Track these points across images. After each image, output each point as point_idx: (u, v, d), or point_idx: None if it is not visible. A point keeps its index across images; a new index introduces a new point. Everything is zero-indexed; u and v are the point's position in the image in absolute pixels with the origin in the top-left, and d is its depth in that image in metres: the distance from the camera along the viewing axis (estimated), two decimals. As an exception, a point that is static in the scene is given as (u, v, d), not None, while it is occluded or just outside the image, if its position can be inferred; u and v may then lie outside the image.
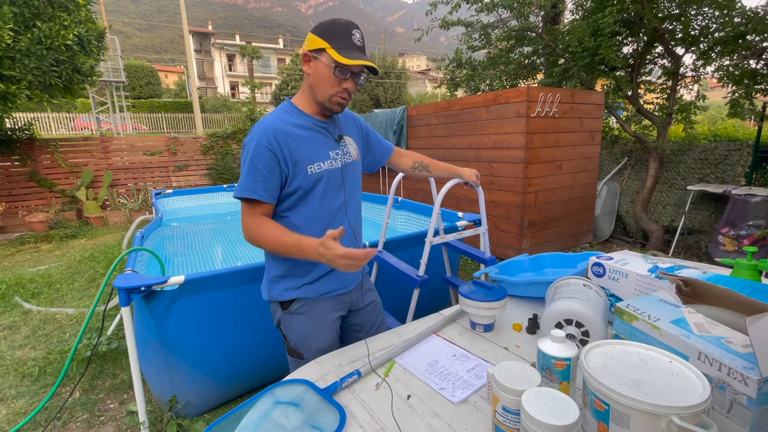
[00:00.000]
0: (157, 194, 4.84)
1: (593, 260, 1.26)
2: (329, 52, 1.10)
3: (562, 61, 5.54)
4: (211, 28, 46.49)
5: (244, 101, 10.59)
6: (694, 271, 1.07)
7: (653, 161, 4.69)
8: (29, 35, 4.80)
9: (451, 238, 1.95)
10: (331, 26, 1.12)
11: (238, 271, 1.87)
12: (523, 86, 4.60)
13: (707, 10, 4.27)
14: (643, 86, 5.13)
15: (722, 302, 0.91)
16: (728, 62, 4.38)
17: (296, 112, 1.20)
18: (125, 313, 1.66)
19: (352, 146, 1.31)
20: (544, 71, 6.23)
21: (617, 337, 0.91)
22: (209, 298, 1.83)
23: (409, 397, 0.94)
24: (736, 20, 4.00)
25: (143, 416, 1.79)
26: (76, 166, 7.19)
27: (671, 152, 4.70)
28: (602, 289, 1.17)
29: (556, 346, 0.82)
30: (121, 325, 2.75)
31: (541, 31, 5.73)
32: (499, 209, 4.09)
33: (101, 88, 13.53)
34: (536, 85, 6.30)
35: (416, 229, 3.42)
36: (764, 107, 4.06)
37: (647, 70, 5.10)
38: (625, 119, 5.27)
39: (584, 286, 1.13)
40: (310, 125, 1.20)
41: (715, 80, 4.56)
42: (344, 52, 1.09)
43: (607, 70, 4.86)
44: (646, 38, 4.77)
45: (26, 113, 14.81)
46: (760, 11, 3.95)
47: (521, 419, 0.67)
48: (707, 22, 4.37)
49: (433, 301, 2.46)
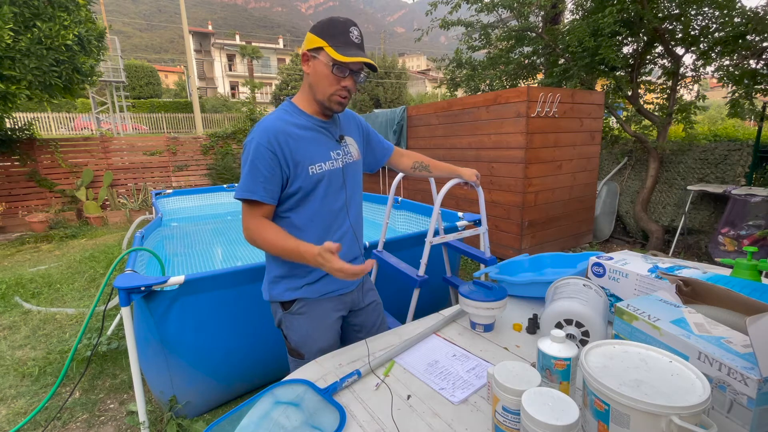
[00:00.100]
0: (157, 194, 4.83)
1: (593, 260, 1.26)
2: (327, 50, 1.09)
3: (562, 61, 5.54)
4: (211, 28, 46.48)
5: (244, 101, 10.58)
6: (694, 271, 1.07)
7: (653, 161, 4.69)
8: (29, 35, 4.80)
9: (451, 238, 1.95)
10: (328, 25, 1.12)
11: (238, 271, 1.87)
12: (523, 86, 4.60)
13: (707, 10, 4.27)
14: (643, 86, 5.13)
15: (722, 302, 0.91)
16: (728, 62, 4.38)
17: (297, 112, 1.19)
18: (125, 313, 1.66)
19: (353, 146, 1.30)
20: (544, 71, 6.23)
21: (617, 337, 0.91)
22: (209, 298, 1.83)
23: (409, 397, 0.94)
24: (736, 20, 4.01)
25: (143, 416, 1.79)
26: (76, 166, 7.19)
27: (671, 152, 4.70)
28: (602, 289, 1.17)
29: (556, 346, 0.82)
30: (121, 325, 2.75)
31: (541, 31, 5.73)
32: (499, 209, 4.09)
33: (101, 88, 13.53)
34: (536, 85, 6.30)
35: (416, 229, 3.42)
36: (764, 107, 4.06)
37: (647, 70, 5.10)
38: (625, 119, 5.27)
39: (584, 286, 1.13)
40: (310, 125, 1.19)
41: (715, 80, 4.56)
42: (342, 50, 1.09)
43: (607, 70, 4.86)
44: (646, 38, 4.77)
45: (26, 113, 14.81)
46: (760, 11, 3.95)
47: (521, 419, 0.67)
48: (707, 22, 4.37)
49: (433, 301, 2.46)
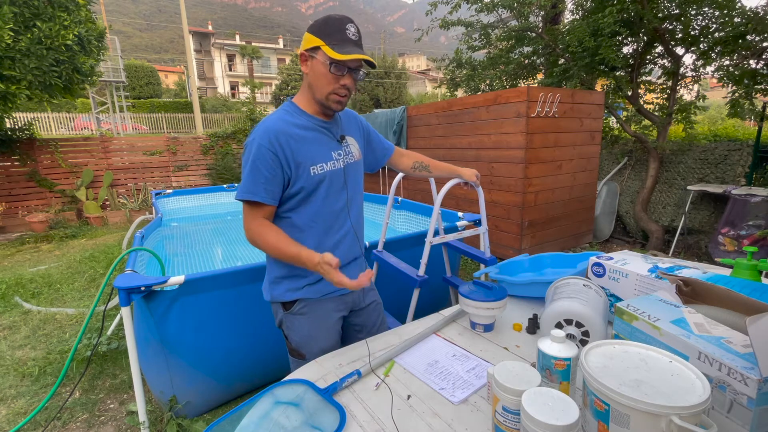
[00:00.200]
0: (157, 194, 4.83)
1: (593, 260, 1.26)
2: (324, 49, 1.09)
3: (562, 61, 5.54)
4: (211, 28, 46.47)
5: (244, 101, 10.58)
6: (694, 271, 1.07)
7: (653, 161, 4.69)
8: (29, 35, 4.80)
9: (451, 238, 1.95)
10: (324, 23, 1.11)
11: (238, 271, 1.87)
12: (523, 86, 4.60)
13: (707, 10, 4.27)
14: (643, 86, 5.13)
15: (722, 302, 0.91)
16: (728, 62, 4.38)
17: (298, 112, 1.19)
18: (125, 313, 1.66)
19: (354, 146, 1.30)
20: (544, 71, 6.23)
21: (617, 337, 0.91)
22: (209, 298, 1.83)
23: (409, 397, 0.94)
24: (736, 20, 4.00)
25: (143, 416, 1.79)
26: (76, 166, 7.19)
27: (671, 152, 4.70)
28: (602, 289, 1.17)
29: (556, 346, 0.82)
30: (121, 325, 2.75)
31: (541, 31, 5.73)
32: (499, 209, 4.09)
33: (101, 88, 13.53)
34: (536, 85, 6.30)
35: (416, 229, 3.42)
36: (764, 107, 4.06)
37: (647, 70, 5.10)
38: (625, 119, 5.27)
39: (584, 286, 1.13)
40: (312, 125, 1.19)
41: (715, 80, 4.56)
42: (339, 47, 1.08)
43: (607, 70, 4.86)
44: (646, 38, 4.77)
45: (26, 113, 14.81)
46: (760, 11, 3.95)
47: (521, 419, 0.68)
48: (707, 22, 4.37)
49: (433, 301, 2.46)
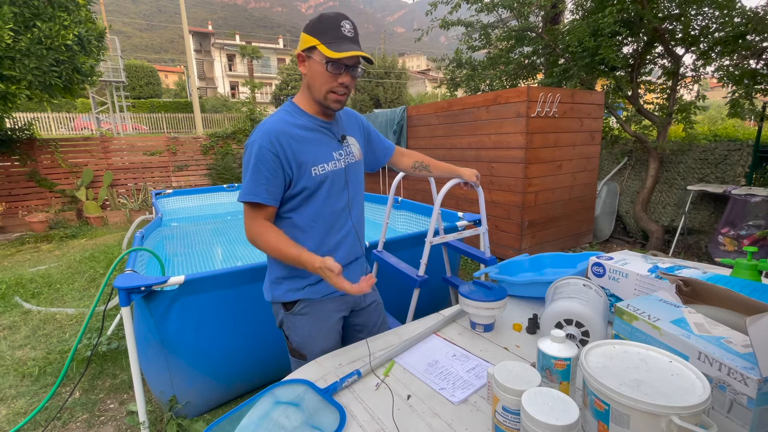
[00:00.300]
0: (157, 194, 4.83)
1: (593, 260, 1.26)
2: (320, 48, 1.08)
3: (562, 61, 5.54)
4: (211, 28, 46.46)
5: (244, 101, 10.58)
6: (694, 271, 1.07)
7: (653, 161, 4.69)
8: (29, 35, 4.80)
9: (451, 238, 1.95)
10: (319, 22, 1.11)
11: (238, 271, 1.87)
12: (523, 86, 4.60)
13: (707, 10, 4.27)
14: (643, 86, 5.13)
15: (722, 302, 0.91)
16: (728, 62, 4.38)
17: (298, 112, 1.19)
18: (125, 313, 1.66)
19: (355, 146, 1.30)
20: (544, 71, 6.23)
21: (617, 337, 0.91)
22: (209, 298, 1.83)
23: (409, 397, 0.94)
24: (736, 20, 4.00)
25: (143, 416, 1.79)
26: (76, 166, 7.19)
27: (671, 152, 4.70)
28: (602, 289, 1.17)
29: (556, 346, 0.82)
30: (121, 325, 2.75)
31: (541, 31, 5.73)
32: (499, 209, 4.09)
33: (101, 88, 13.53)
34: (536, 85, 6.30)
35: (416, 229, 3.42)
36: (764, 107, 4.06)
37: (647, 70, 5.10)
38: (625, 119, 5.27)
39: (584, 286, 1.13)
40: (312, 126, 1.19)
41: (715, 80, 4.56)
42: (334, 45, 1.07)
43: (607, 70, 4.86)
44: (646, 38, 4.77)
45: (26, 113, 14.81)
46: (760, 11, 3.95)
47: (521, 419, 0.68)
48: (707, 22, 4.37)
49: (433, 301, 2.46)
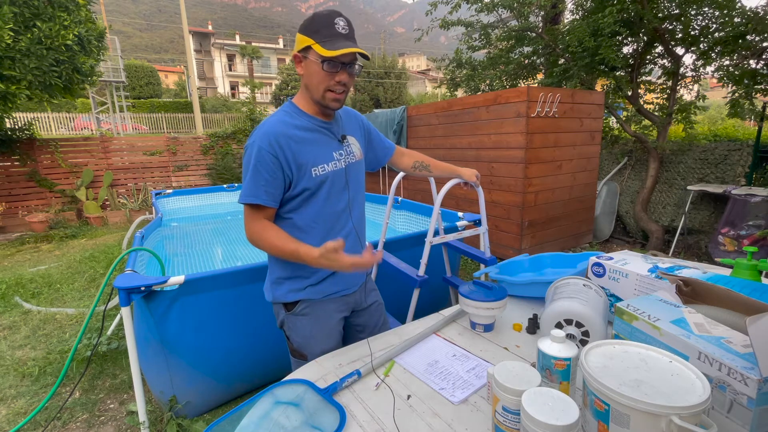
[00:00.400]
0: (157, 194, 4.83)
1: (593, 260, 1.26)
2: (314, 48, 1.07)
3: (562, 61, 5.54)
4: (211, 28, 46.49)
5: (244, 101, 10.58)
6: (694, 271, 1.07)
7: (653, 161, 4.69)
8: (29, 35, 4.80)
9: (451, 238, 1.95)
10: (312, 21, 1.09)
11: (238, 271, 1.87)
12: (523, 86, 4.60)
13: (707, 10, 4.27)
14: (643, 86, 5.13)
15: (722, 302, 0.91)
16: (728, 62, 4.38)
17: (298, 113, 1.19)
18: (125, 313, 1.66)
19: (355, 146, 1.29)
20: (544, 71, 6.23)
21: (617, 337, 0.91)
22: (209, 298, 1.83)
23: (409, 397, 0.94)
24: (736, 20, 4.00)
25: (143, 416, 1.79)
26: (76, 166, 7.19)
27: (671, 152, 4.70)
28: (602, 289, 1.17)
29: (556, 346, 0.82)
30: (121, 325, 2.75)
31: (541, 31, 5.73)
32: (499, 209, 4.09)
33: (101, 88, 13.53)
34: (536, 85, 6.30)
35: (416, 229, 3.42)
36: (764, 107, 4.05)
37: (647, 70, 5.10)
38: (625, 119, 5.27)
39: (584, 286, 1.12)
40: (312, 126, 1.18)
41: (715, 80, 4.55)
42: (329, 44, 1.06)
43: (607, 70, 4.86)
44: (646, 38, 4.77)
45: (26, 113, 14.81)
46: (760, 11, 3.95)
47: (521, 419, 0.68)
48: (707, 22, 4.37)
49: (433, 301, 2.46)
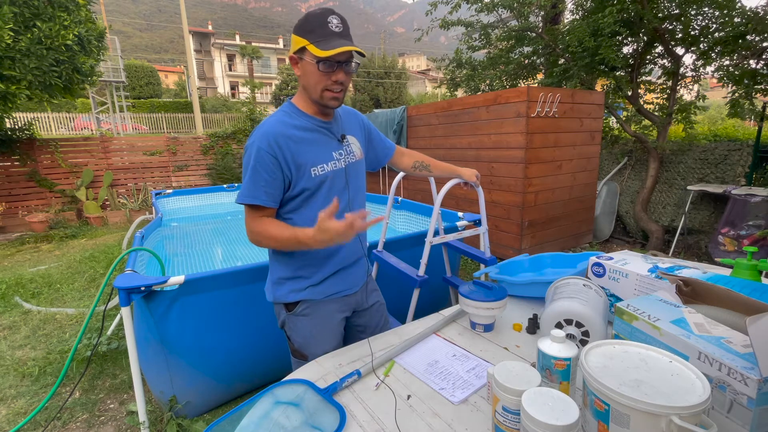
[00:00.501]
0: (157, 194, 4.83)
1: (593, 260, 1.26)
2: (309, 48, 1.06)
3: (562, 61, 5.54)
4: (211, 28, 46.48)
5: (244, 101, 10.58)
6: (694, 271, 1.07)
7: (653, 161, 4.69)
8: (29, 35, 4.80)
9: (451, 238, 1.95)
10: (305, 21, 1.09)
11: (238, 271, 1.87)
12: (523, 86, 4.60)
13: (707, 10, 4.27)
14: (643, 86, 5.13)
15: (722, 302, 0.91)
16: (728, 62, 4.38)
17: (297, 113, 1.19)
18: (125, 313, 1.66)
19: (355, 145, 1.29)
20: (544, 71, 6.23)
21: (617, 337, 0.91)
22: (209, 298, 1.83)
23: (409, 397, 0.94)
24: (736, 20, 4.00)
25: (143, 416, 1.79)
26: (76, 166, 7.19)
27: (671, 152, 4.70)
28: (602, 289, 1.17)
29: (556, 346, 0.82)
30: (121, 325, 2.75)
31: (541, 31, 5.73)
32: (499, 209, 4.09)
33: (101, 88, 13.53)
34: (536, 85, 6.30)
35: (416, 229, 3.42)
36: (764, 107, 4.05)
37: (647, 70, 5.10)
38: (625, 119, 5.27)
39: (584, 286, 1.12)
40: (311, 126, 1.18)
41: (715, 80, 4.55)
42: (323, 44, 1.05)
43: (607, 70, 4.86)
44: (646, 38, 4.77)
45: (26, 113, 14.81)
46: (760, 11, 3.95)
47: (521, 419, 0.68)
48: (707, 22, 4.37)
49: (433, 301, 2.46)
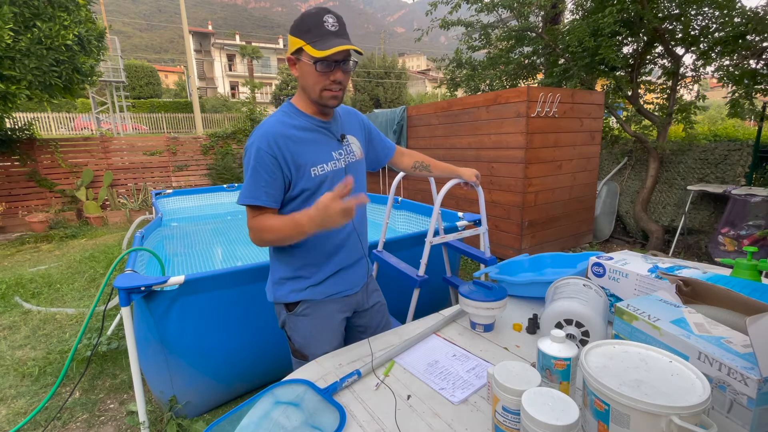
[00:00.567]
0: (157, 194, 4.83)
1: (593, 260, 1.26)
2: (306, 49, 1.06)
3: (562, 61, 5.54)
4: (211, 28, 46.48)
5: (244, 101, 10.57)
6: (694, 271, 1.07)
7: (653, 161, 4.69)
8: (29, 35, 4.80)
9: (451, 238, 1.95)
10: (301, 21, 1.08)
11: (238, 271, 1.87)
12: (523, 86, 4.60)
13: (707, 10, 4.27)
14: (643, 86, 5.13)
15: (722, 302, 0.91)
16: (728, 62, 4.38)
17: (296, 113, 1.19)
18: (125, 313, 1.66)
19: (355, 144, 1.29)
20: (544, 71, 6.23)
21: (617, 337, 0.91)
22: (209, 298, 1.83)
23: (409, 397, 0.94)
24: (736, 20, 4.00)
25: (143, 416, 1.79)
26: (76, 166, 7.19)
27: (671, 152, 4.70)
28: (602, 289, 1.17)
29: (556, 346, 0.82)
30: (121, 325, 2.75)
31: (541, 31, 5.73)
32: (499, 209, 4.09)
33: (101, 88, 13.53)
34: (536, 85, 6.30)
35: (416, 229, 3.42)
36: (764, 107, 4.05)
37: (647, 70, 5.10)
38: (625, 119, 5.27)
39: (584, 286, 1.12)
40: (311, 126, 1.18)
41: (715, 80, 4.55)
42: (320, 44, 1.05)
43: (607, 70, 4.86)
44: (646, 38, 4.77)
45: (26, 113, 14.81)
46: (760, 11, 3.95)
47: (521, 419, 0.68)
48: (707, 22, 4.37)
49: (433, 301, 2.45)
